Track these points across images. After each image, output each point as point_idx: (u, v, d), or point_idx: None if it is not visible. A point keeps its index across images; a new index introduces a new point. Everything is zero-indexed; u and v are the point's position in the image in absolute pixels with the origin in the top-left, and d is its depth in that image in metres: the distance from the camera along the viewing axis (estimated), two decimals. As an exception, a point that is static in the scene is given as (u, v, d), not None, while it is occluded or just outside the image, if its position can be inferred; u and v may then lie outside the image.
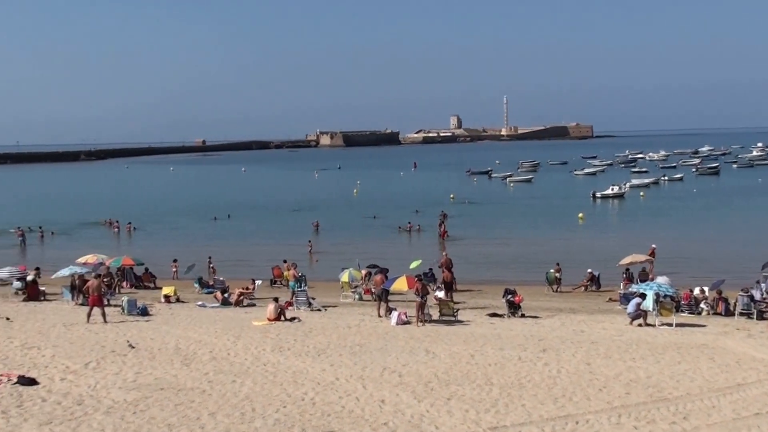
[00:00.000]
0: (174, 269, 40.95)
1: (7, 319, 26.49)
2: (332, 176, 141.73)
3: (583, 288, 35.62)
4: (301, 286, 32.56)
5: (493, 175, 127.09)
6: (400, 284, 28.06)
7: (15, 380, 17.64)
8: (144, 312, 28.77)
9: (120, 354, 20.92)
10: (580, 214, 65.78)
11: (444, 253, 38.09)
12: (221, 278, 37.32)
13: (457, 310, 28.23)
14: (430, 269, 36.61)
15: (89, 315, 26.48)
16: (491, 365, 19.73)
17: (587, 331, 25.00)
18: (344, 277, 34.74)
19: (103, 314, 26.54)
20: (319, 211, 73.95)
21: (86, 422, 14.69)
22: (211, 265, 40.05)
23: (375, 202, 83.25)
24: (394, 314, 26.88)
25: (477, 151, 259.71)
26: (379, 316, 28.17)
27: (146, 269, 39.09)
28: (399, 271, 31.75)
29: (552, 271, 36.27)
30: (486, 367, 19.56)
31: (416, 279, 27.64)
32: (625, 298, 29.54)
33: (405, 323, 26.31)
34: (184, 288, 36.01)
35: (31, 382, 17.60)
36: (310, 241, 49.86)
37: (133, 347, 21.98)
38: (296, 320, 27.23)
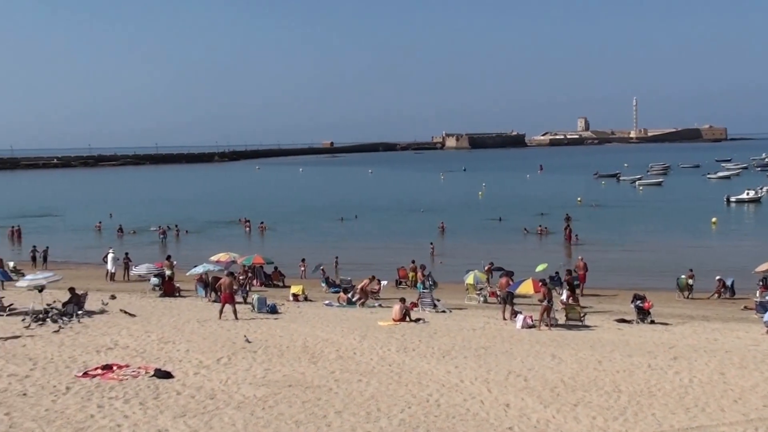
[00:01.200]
0: (302, 268, 41.81)
1: (130, 314, 27.60)
2: (458, 178, 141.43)
3: (716, 295, 34.13)
4: (428, 288, 32.59)
5: (621, 178, 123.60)
6: (526, 287, 27.64)
7: (152, 373, 18.39)
8: (273, 310, 29.46)
9: (250, 351, 21.47)
10: (713, 219, 63.09)
11: (579, 257, 37.45)
12: (348, 278, 37.80)
13: (584, 314, 27.57)
14: (557, 273, 35.94)
15: (221, 312, 27.35)
16: (619, 372, 19.12)
17: (721, 339, 23.88)
18: (469, 279, 34.55)
19: (235, 311, 27.34)
20: (444, 213, 73.88)
21: (218, 416, 15.13)
22: (321, 266, 40.11)
23: (500, 205, 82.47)
24: (520, 317, 26.50)
25: (605, 154, 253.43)
26: (504, 319, 27.84)
27: (275, 268, 40.07)
28: (524, 274, 31.30)
29: (684, 277, 34.92)
30: (614, 373, 18.97)
31: (541, 283, 27.18)
32: (762, 307, 28.13)
33: (530, 327, 25.90)
34: (312, 287, 36.71)
35: (167, 375, 18.30)
36: (432, 244, 49.81)
37: (250, 342, 22.60)
38: (421, 321, 27.24)
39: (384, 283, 35.18)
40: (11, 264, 41.26)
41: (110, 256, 41.16)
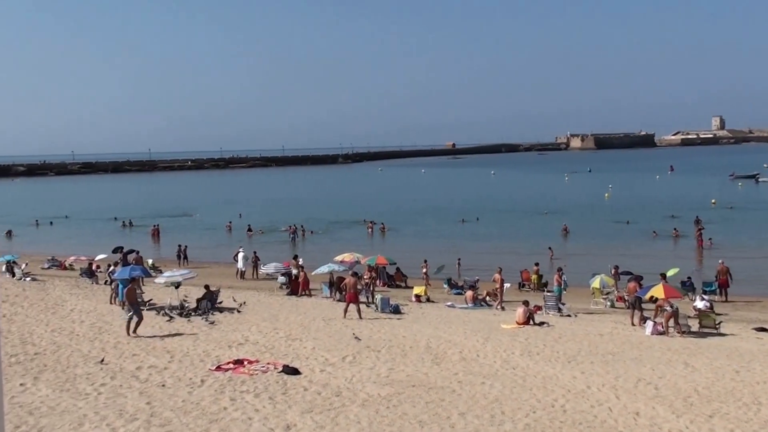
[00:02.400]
0: (424, 269, 41.98)
1: (240, 304, 29.23)
2: (582, 180, 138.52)
3: None
4: (555, 292, 32.12)
5: (760, 179, 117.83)
6: (656, 292, 26.81)
7: (280, 369, 18.92)
8: (396, 310, 29.73)
9: (374, 350, 21.75)
10: None
11: (720, 261, 36.07)
12: (476, 277, 37.66)
13: (720, 322, 26.49)
14: (689, 278, 34.73)
15: (346, 311, 27.83)
16: (759, 383, 18.27)
17: None
18: (595, 283, 33.85)
19: (359, 311, 27.77)
20: (568, 215, 72.54)
21: (343, 413, 15.41)
22: (442, 267, 40.01)
23: (627, 207, 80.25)
24: (649, 324, 25.74)
25: (742, 154, 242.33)
26: (633, 324, 27.12)
27: (398, 268, 40.39)
28: (654, 279, 30.37)
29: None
30: (753, 385, 18.14)
31: (674, 288, 26.32)
32: None
33: (660, 333, 25.11)
34: (434, 288, 36.82)
35: (294, 371, 18.78)
36: (550, 248, 48.69)
37: (359, 339, 23.04)
38: (545, 325, 26.88)
39: (507, 285, 34.88)
40: (150, 261, 43.28)
41: (240, 254, 42.56)
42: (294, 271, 37.42)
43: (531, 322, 26.90)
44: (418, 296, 33.87)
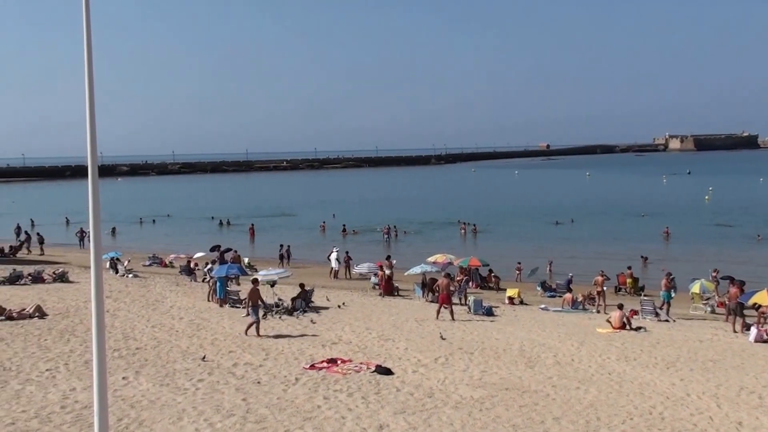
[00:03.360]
0: (518, 272, 41.57)
1: (339, 305, 29.60)
2: (682, 182, 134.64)
3: None
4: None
5: None
6: (760, 298, 25.82)
7: (373, 369, 19.04)
8: (489, 312, 29.53)
9: (467, 352, 21.66)
10: None
11: None
12: (570, 274, 37.09)
13: (829, 331, 25.29)
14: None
15: (438, 312, 27.79)
16: None
17: None
18: (695, 288, 32.85)
19: (452, 312, 27.69)
20: (666, 217, 70.60)
21: (436, 415, 15.39)
22: (536, 270, 39.41)
23: (729, 210, 77.59)
24: (753, 330, 24.81)
25: None
26: (735, 331, 26.19)
27: (490, 270, 40.12)
28: (757, 285, 29.26)
29: None
30: None
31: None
32: None
33: (765, 341, 24.16)
34: (527, 290, 36.40)
35: (387, 371, 18.87)
36: (643, 257, 46.87)
37: (444, 339, 23.14)
38: (642, 330, 26.23)
39: (604, 289, 34.16)
40: (246, 260, 44.20)
41: (333, 254, 43.04)
42: (387, 272, 37.61)
43: (627, 326, 26.28)
44: (511, 298, 33.56)
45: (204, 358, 19.89)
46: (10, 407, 15.42)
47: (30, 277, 34.92)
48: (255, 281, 25.35)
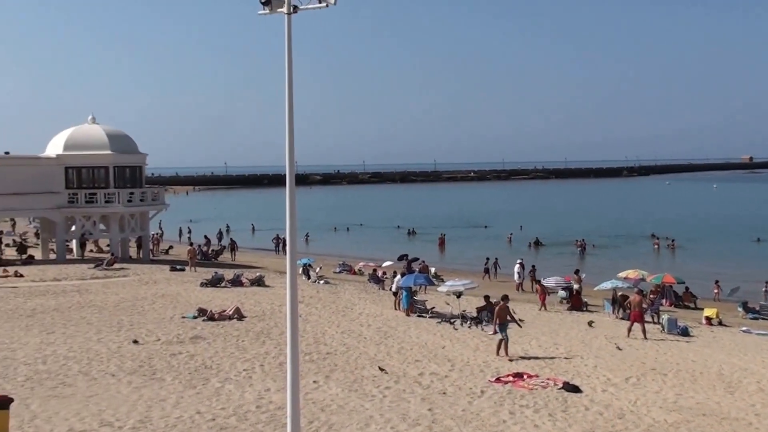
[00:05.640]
0: (716, 290, 39.27)
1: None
2: None
3: None
4: None
5: None
6: None
7: (560, 385, 18.55)
8: (684, 332, 28.06)
9: (660, 372, 20.65)
10: None
11: None
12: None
13: None
14: None
15: (629, 330, 26.71)
16: None
17: None
18: None
19: (644, 330, 26.53)
20: None
21: (627, 437, 14.76)
22: (737, 289, 36.70)
23: None
24: None
25: None
26: None
27: (686, 288, 38.17)
28: None
29: None
30: None
31: None
32: None
33: None
34: (727, 311, 34.31)
35: (575, 389, 18.32)
36: None
37: (620, 349, 22.72)
38: None
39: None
40: (433, 270, 44.54)
41: (517, 266, 42.53)
42: (575, 286, 36.67)
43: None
44: (708, 318, 31.74)
45: (382, 369, 19.99)
46: (210, 404, 16.31)
47: (230, 281, 36.89)
48: (505, 298, 23.77)
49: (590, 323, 28.57)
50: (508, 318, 22.88)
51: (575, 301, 34.88)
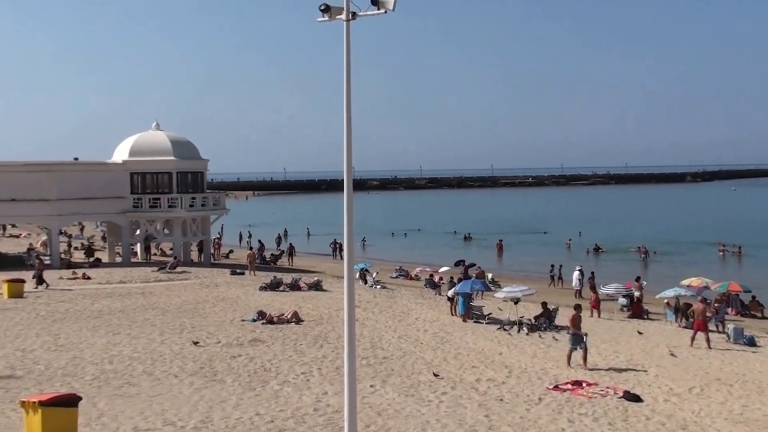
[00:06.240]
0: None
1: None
2: None
3: None
4: None
5: None
6: None
7: (621, 394, 18.29)
8: (751, 342, 27.37)
9: (725, 383, 20.19)
10: None
11: None
12: None
13: None
14: None
15: (693, 339, 26.16)
16: None
17: None
18: None
19: (707, 339, 25.97)
20: None
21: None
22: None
23: None
24: None
25: None
26: None
27: (753, 297, 37.23)
28: None
29: None
30: None
31: None
32: None
33: None
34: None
35: (636, 398, 18.03)
36: None
37: (675, 356, 22.74)
38: None
39: None
40: (490, 275, 44.30)
41: (576, 273, 42.03)
42: (636, 293, 36.07)
43: None
44: (778, 329, 30.91)
45: (436, 374, 19.91)
46: (269, 405, 16.52)
47: (288, 285, 37.23)
48: (578, 307, 23.27)
49: (639, 332, 28.10)
50: (580, 328, 22.19)
51: (636, 309, 34.31)
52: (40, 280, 35.81)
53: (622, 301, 36.41)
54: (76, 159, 50.46)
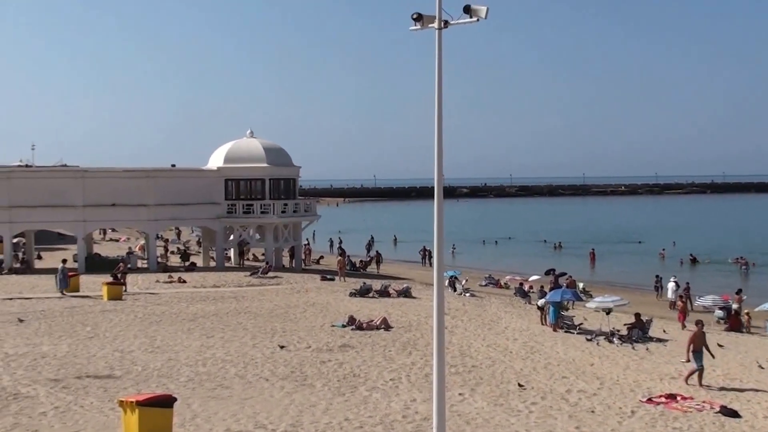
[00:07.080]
0: None
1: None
2: None
3: None
4: None
5: None
6: None
7: (717, 409, 17.75)
8: None
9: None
10: None
11: None
12: None
13: None
14: None
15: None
16: None
17: None
18: None
19: (810, 355, 24.95)
20: None
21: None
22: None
23: None
24: None
25: None
26: None
27: None
28: None
29: None
30: None
31: None
32: None
33: None
34: None
35: (734, 414, 17.47)
36: None
37: (763, 368, 21.98)
38: None
39: None
40: (581, 285, 43.57)
41: (671, 284, 41.01)
42: (734, 306, 34.93)
43: None
44: None
45: (521, 385, 19.66)
46: (358, 411, 16.68)
47: (378, 292, 37.47)
48: (699, 323, 22.26)
49: (720, 345, 26.55)
50: (704, 346, 21.15)
51: (733, 322, 33.22)
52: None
53: (719, 313, 35.30)
54: (173, 165, 52.02)
